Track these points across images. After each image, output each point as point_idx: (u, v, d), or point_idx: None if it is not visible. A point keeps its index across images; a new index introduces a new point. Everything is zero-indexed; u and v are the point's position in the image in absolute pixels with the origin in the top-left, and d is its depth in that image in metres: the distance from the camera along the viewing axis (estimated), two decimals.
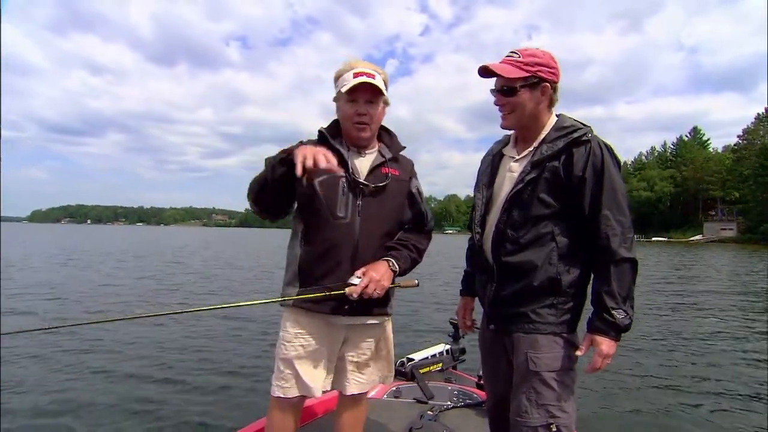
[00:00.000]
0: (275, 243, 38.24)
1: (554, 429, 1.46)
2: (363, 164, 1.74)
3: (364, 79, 1.62)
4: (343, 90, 1.65)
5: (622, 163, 1.59)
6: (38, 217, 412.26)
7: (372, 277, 1.61)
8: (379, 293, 1.63)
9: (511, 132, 1.71)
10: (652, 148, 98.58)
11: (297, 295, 1.68)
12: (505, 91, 1.56)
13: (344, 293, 1.60)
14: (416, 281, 1.83)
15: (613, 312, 1.44)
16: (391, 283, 1.70)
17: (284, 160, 1.54)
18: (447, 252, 26.70)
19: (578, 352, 1.51)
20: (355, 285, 1.60)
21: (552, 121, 1.61)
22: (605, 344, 1.45)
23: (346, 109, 1.69)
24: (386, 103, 1.76)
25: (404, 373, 3.07)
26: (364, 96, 1.66)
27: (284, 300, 1.70)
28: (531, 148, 1.60)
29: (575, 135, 1.51)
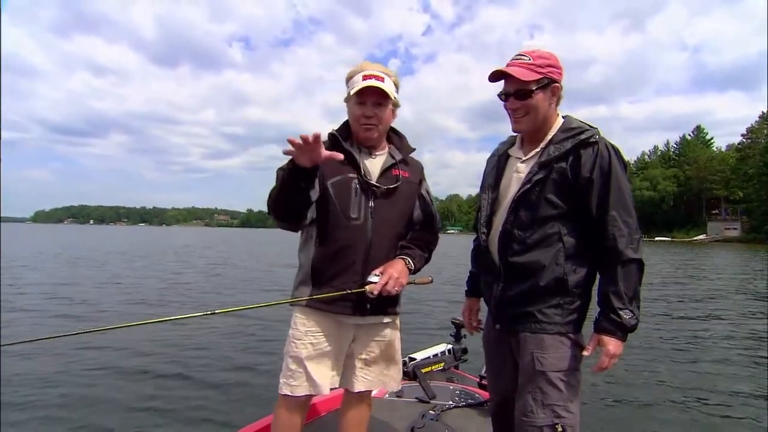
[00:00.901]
0: (276, 242, 38.35)
1: (560, 429, 1.46)
2: (374, 166, 1.77)
3: (372, 82, 1.65)
4: (352, 92, 1.67)
5: (627, 165, 1.59)
6: (41, 217, 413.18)
7: (391, 274, 1.64)
8: (397, 290, 1.67)
9: (515, 133, 1.72)
10: (655, 147, 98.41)
11: (311, 294, 1.70)
12: (520, 94, 1.55)
13: (364, 291, 1.62)
14: (430, 278, 1.91)
15: (620, 312, 1.44)
16: (408, 281, 1.73)
17: (292, 169, 1.51)
18: (449, 251, 26.68)
19: (585, 353, 1.52)
20: (375, 283, 1.62)
21: (558, 122, 1.62)
22: (612, 344, 1.46)
23: (355, 110, 1.72)
24: (396, 105, 1.78)
25: (406, 372, 3.07)
26: (372, 98, 1.69)
27: (301, 300, 1.71)
28: (538, 149, 1.60)
29: (583, 136, 1.52)
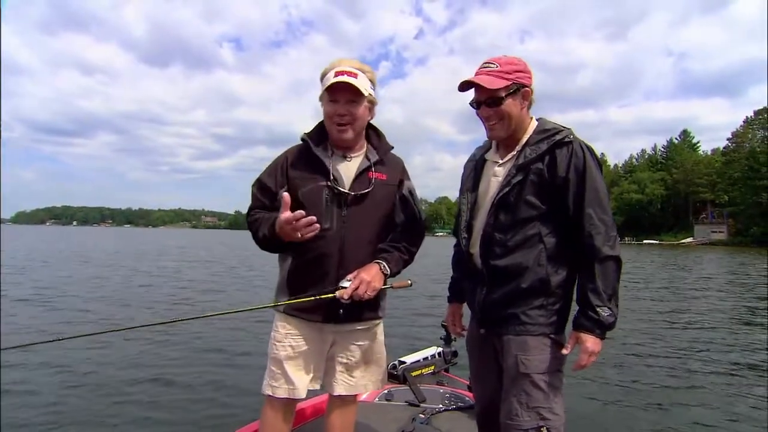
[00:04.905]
0: None
1: (545, 431, 1.47)
2: (349, 169, 1.74)
3: (343, 78, 1.60)
4: (323, 88, 1.65)
5: (602, 165, 1.61)
6: (22, 218, 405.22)
7: (363, 278, 1.61)
8: (370, 295, 1.62)
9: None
10: (643, 151, 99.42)
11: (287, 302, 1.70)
12: (491, 102, 1.57)
13: (334, 296, 1.60)
14: (409, 282, 1.84)
15: (598, 309, 1.45)
16: (384, 285, 1.70)
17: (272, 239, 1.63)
18: (438, 254, 26.65)
19: (564, 351, 1.53)
20: (346, 288, 1.59)
21: (533, 124, 1.64)
22: (590, 342, 1.47)
23: (328, 109, 1.68)
24: (372, 103, 1.74)
25: (396, 376, 3.07)
26: (345, 95, 1.65)
27: (275, 306, 1.73)
28: (514, 152, 1.61)
29: (557, 137, 1.53)
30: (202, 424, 3.60)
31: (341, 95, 1.64)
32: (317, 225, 1.53)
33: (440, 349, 3.46)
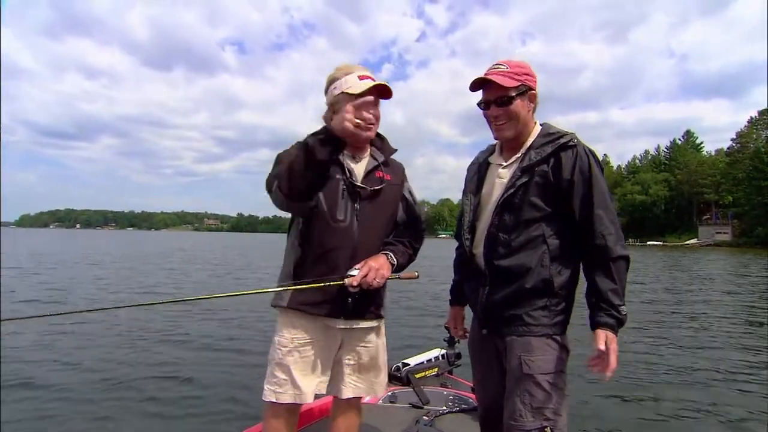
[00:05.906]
0: (266, 245, 38.16)
1: None
2: (358, 169, 1.76)
3: (379, 81, 1.67)
4: (351, 91, 1.65)
5: (604, 167, 1.63)
6: (27, 221, 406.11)
7: (371, 266, 1.62)
8: (379, 282, 1.63)
9: (496, 141, 1.75)
10: (646, 152, 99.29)
11: (290, 298, 1.68)
12: (500, 101, 1.59)
13: (343, 283, 1.59)
14: (416, 273, 1.86)
15: (619, 308, 1.47)
16: (391, 275, 1.71)
17: (325, 140, 1.55)
18: (442, 255, 26.67)
19: (601, 347, 1.43)
20: (354, 275, 1.59)
21: (537, 128, 1.67)
22: (615, 341, 1.46)
23: (356, 111, 1.68)
24: None
25: (400, 377, 3.06)
26: (374, 97, 1.69)
27: (282, 290, 1.69)
28: (519, 155, 1.63)
29: (562, 140, 1.56)
30: (204, 422, 3.60)
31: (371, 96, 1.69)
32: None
33: (444, 351, 3.46)
